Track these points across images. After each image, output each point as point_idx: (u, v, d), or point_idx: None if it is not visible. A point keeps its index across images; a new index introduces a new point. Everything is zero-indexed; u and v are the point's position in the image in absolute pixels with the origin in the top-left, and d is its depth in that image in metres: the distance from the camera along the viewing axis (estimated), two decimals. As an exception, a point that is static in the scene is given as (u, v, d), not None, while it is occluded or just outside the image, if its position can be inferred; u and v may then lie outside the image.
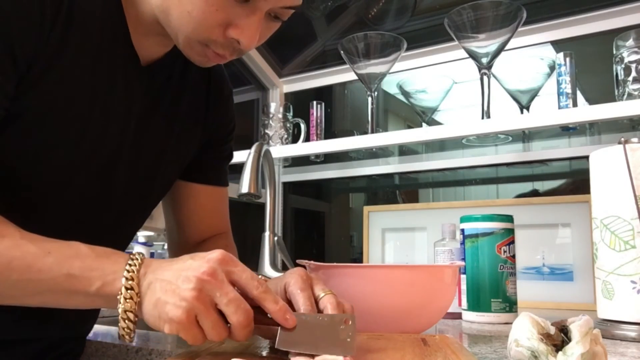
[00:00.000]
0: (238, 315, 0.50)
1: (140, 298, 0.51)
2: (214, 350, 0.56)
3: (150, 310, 0.51)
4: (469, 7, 1.14)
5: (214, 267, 0.50)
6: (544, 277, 1.27)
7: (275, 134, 1.54)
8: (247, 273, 0.52)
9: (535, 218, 1.29)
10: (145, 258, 0.54)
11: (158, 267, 0.53)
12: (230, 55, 0.62)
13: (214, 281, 0.50)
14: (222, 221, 0.87)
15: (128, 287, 0.51)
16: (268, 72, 1.75)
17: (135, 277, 0.51)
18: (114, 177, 0.68)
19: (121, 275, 0.51)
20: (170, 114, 0.72)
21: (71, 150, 0.62)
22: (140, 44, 0.65)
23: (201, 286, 0.49)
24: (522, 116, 1.24)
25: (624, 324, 0.76)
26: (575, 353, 0.47)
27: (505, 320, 0.95)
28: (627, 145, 0.77)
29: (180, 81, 0.73)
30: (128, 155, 0.68)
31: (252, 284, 0.52)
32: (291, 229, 1.76)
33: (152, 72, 0.68)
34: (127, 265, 0.52)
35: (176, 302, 0.49)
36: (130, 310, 0.51)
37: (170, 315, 0.49)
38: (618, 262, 0.77)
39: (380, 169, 1.62)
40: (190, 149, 0.79)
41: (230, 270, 0.52)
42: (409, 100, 1.49)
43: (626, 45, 1.05)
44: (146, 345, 0.73)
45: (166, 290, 0.50)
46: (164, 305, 0.50)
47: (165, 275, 0.51)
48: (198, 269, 0.50)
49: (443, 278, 0.76)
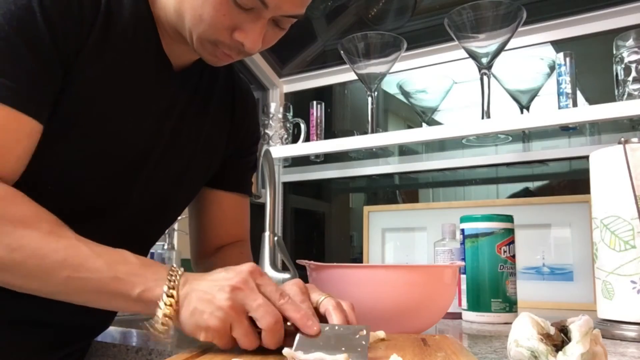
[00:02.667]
0: (267, 319, 0.52)
1: (178, 306, 0.55)
2: (214, 350, 0.56)
3: (187, 318, 0.54)
4: (469, 7, 1.14)
5: (246, 278, 0.55)
6: (544, 277, 1.27)
7: (275, 134, 1.54)
8: (272, 286, 0.56)
9: (536, 218, 1.29)
10: (185, 272, 0.58)
11: (195, 279, 0.56)
12: (236, 56, 0.68)
13: (246, 289, 0.54)
14: (242, 229, 0.91)
15: (169, 295, 0.55)
16: (268, 72, 1.75)
17: (176, 287, 0.55)
18: (139, 178, 0.70)
19: (163, 283, 0.55)
20: (199, 120, 0.76)
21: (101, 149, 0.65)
22: (171, 50, 0.70)
23: (235, 295, 0.53)
24: (522, 116, 1.24)
25: (624, 324, 0.76)
26: (575, 353, 0.47)
27: (505, 320, 0.95)
28: (627, 145, 0.77)
29: (208, 90, 0.78)
30: (157, 158, 0.71)
31: (276, 295, 0.55)
32: (291, 229, 1.76)
33: (182, 78, 0.73)
34: (168, 275, 0.56)
35: (213, 311, 0.53)
36: (169, 316, 0.54)
37: (208, 324, 0.53)
38: (618, 262, 0.77)
39: (380, 169, 1.62)
40: (216, 157, 0.82)
41: (258, 282, 0.55)
42: (409, 100, 1.49)
43: (626, 45, 1.05)
44: (146, 345, 0.73)
45: (203, 300, 0.54)
46: (201, 314, 0.53)
47: (201, 286, 0.55)
48: (232, 279, 0.54)
49: (443, 278, 0.76)
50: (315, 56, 1.76)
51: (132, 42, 0.66)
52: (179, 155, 0.74)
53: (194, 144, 0.76)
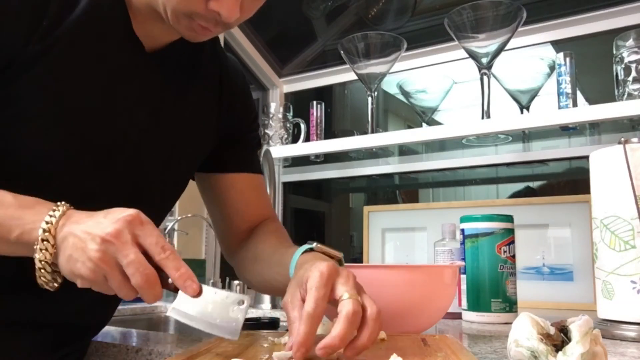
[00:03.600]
0: (136, 277, 0.51)
1: (56, 250, 0.53)
2: (215, 350, 0.56)
3: (64, 264, 0.53)
4: (469, 7, 1.15)
5: (120, 229, 0.51)
6: (544, 277, 1.27)
7: (275, 134, 1.54)
8: (153, 238, 0.52)
9: (535, 218, 1.29)
10: (70, 209, 0.55)
11: (76, 221, 0.53)
12: (214, 28, 0.64)
13: (118, 242, 0.51)
14: (266, 207, 0.88)
15: (44, 239, 0.52)
16: (268, 72, 1.76)
17: (52, 229, 0.53)
18: (116, 166, 0.67)
19: (39, 225, 0.53)
20: (181, 102, 0.73)
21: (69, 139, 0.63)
22: (143, 32, 0.67)
23: (105, 247, 0.51)
24: (522, 116, 1.24)
25: (624, 324, 0.76)
26: (575, 353, 0.47)
27: (505, 320, 0.95)
28: (627, 145, 0.77)
29: (189, 71, 0.74)
30: (134, 144, 0.68)
31: (156, 249, 0.52)
32: (291, 229, 1.76)
33: (158, 60, 0.69)
34: (47, 216, 0.53)
35: (84, 261, 0.51)
36: (45, 260, 0.53)
37: (80, 272, 0.52)
38: (618, 262, 0.77)
39: (380, 169, 1.62)
40: (205, 141, 0.79)
41: (137, 233, 0.52)
42: (409, 100, 1.49)
43: (626, 45, 1.05)
44: (146, 345, 0.73)
45: (76, 248, 0.52)
46: (75, 262, 0.52)
47: (78, 230, 0.52)
48: (104, 229, 0.51)
49: (443, 278, 0.76)
50: (315, 56, 1.76)
51: (95, 26, 0.62)
52: (159, 141, 0.71)
53: (175, 129, 0.73)
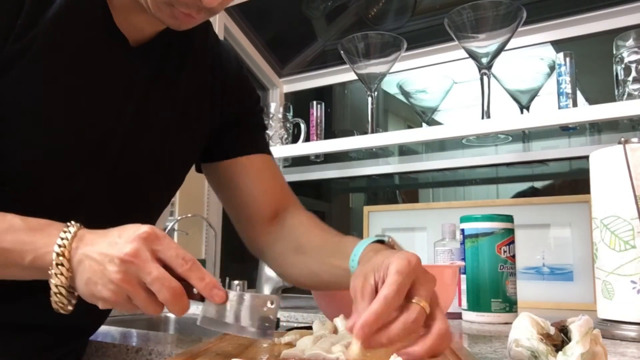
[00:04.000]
0: (163, 293, 0.50)
1: (72, 273, 0.52)
2: (215, 350, 0.56)
3: (82, 287, 0.52)
4: (469, 7, 1.14)
5: (138, 247, 0.50)
6: (544, 277, 1.27)
7: (275, 134, 1.54)
8: (172, 250, 0.51)
9: (535, 218, 1.29)
10: (81, 229, 0.54)
11: (89, 242, 0.52)
12: (197, 14, 0.62)
13: (138, 261, 0.50)
14: (284, 190, 0.84)
15: (58, 263, 0.51)
16: (268, 72, 1.75)
17: (66, 252, 0.52)
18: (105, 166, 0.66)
19: (52, 249, 0.52)
20: (171, 94, 0.71)
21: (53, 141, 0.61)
22: (126, 25, 0.65)
23: (125, 268, 0.50)
24: (522, 116, 1.24)
25: (624, 324, 0.76)
26: (575, 353, 0.47)
27: (505, 320, 0.95)
28: (627, 145, 0.77)
29: (179, 60, 0.72)
30: (121, 142, 0.67)
31: (177, 262, 0.51)
32: (291, 229, 1.76)
33: (142, 54, 0.68)
34: (59, 239, 0.52)
35: (105, 283, 0.50)
36: (62, 285, 0.52)
37: (102, 295, 0.51)
38: (618, 262, 0.77)
39: (380, 169, 1.62)
40: (200, 132, 0.77)
41: (155, 248, 0.51)
42: (409, 100, 1.49)
43: (626, 45, 1.05)
44: (146, 345, 0.73)
45: (95, 271, 0.51)
46: (94, 285, 0.51)
47: (93, 252, 0.51)
48: (122, 249, 0.50)
49: (443, 278, 0.76)
50: (315, 56, 1.76)
51: (77, 20, 0.61)
52: (148, 137, 0.69)
53: (166, 123, 0.71)
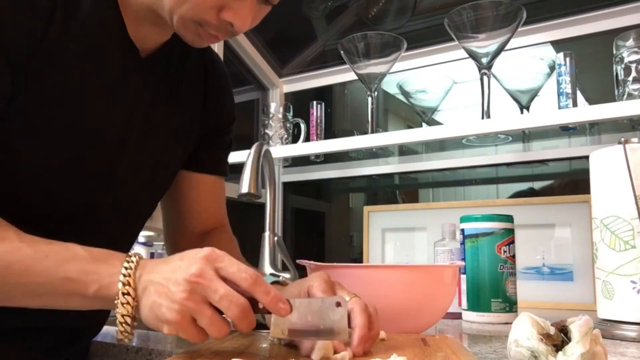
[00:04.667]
0: (232, 309, 0.50)
1: (137, 301, 0.52)
2: (215, 350, 0.56)
3: (147, 313, 0.52)
4: (469, 7, 1.14)
5: (202, 267, 0.51)
6: (544, 277, 1.27)
7: (275, 134, 1.54)
8: (234, 267, 0.52)
9: (535, 218, 1.29)
10: (142, 259, 0.54)
11: (152, 269, 0.53)
12: (223, 37, 0.63)
13: (204, 280, 0.50)
14: (222, 213, 0.88)
15: (125, 292, 0.52)
16: (268, 72, 1.75)
17: (132, 281, 0.52)
18: (115, 174, 0.68)
19: (117, 279, 0.52)
20: (171, 104, 0.73)
21: (69, 151, 0.63)
22: (137, 35, 0.66)
23: (191, 288, 0.50)
24: (522, 116, 1.24)
25: (624, 324, 0.76)
26: (575, 353, 0.47)
27: (505, 320, 0.95)
28: (627, 145, 0.77)
29: (179, 70, 0.74)
30: (131, 150, 0.68)
31: (241, 276, 0.51)
32: (291, 229, 1.76)
33: (151, 63, 0.69)
34: (123, 269, 0.53)
35: (169, 305, 0.50)
36: (128, 314, 0.52)
37: (166, 317, 0.50)
38: (618, 262, 0.77)
39: (380, 169, 1.62)
40: (190, 141, 0.79)
41: (218, 266, 0.52)
42: (409, 100, 1.49)
43: (626, 45, 1.05)
44: (146, 345, 0.73)
45: (160, 293, 0.51)
46: (159, 307, 0.51)
47: (157, 277, 0.52)
48: (187, 271, 0.51)
49: (443, 278, 0.76)
50: (315, 56, 1.76)
51: (95, 32, 0.62)
52: (151, 144, 0.71)
53: (166, 131, 0.73)
